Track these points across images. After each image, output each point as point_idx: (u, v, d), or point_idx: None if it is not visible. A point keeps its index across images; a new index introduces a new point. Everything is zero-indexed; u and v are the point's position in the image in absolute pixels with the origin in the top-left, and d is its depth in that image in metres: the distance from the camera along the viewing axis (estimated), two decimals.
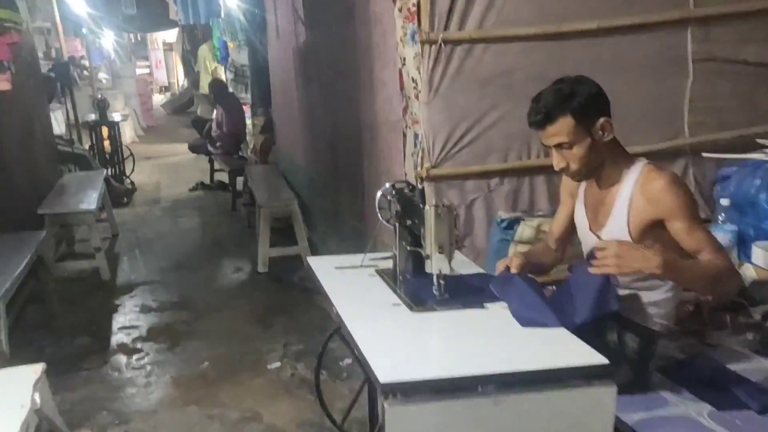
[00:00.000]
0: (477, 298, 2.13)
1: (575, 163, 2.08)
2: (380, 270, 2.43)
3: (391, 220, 2.34)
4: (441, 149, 3.05)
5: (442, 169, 3.07)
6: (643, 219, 2.08)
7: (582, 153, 2.06)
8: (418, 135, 3.08)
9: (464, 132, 3.06)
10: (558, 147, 2.08)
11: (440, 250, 2.06)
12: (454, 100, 3.02)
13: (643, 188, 2.07)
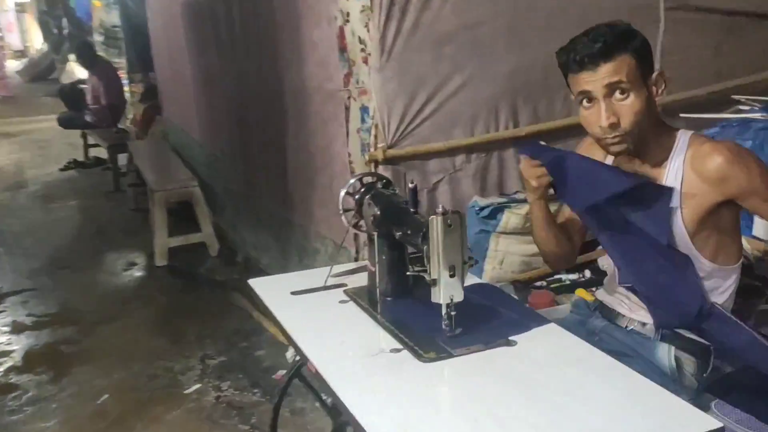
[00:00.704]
0: (497, 328, 1.66)
1: (629, 118, 1.58)
2: (351, 291, 1.90)
3: (366, 228, 1.80)
4: (398, 125, 2.53)
5: (401, 149, 2.56)
6: (703, 205, 1.64)
7: (639, 106, 1.58)
8: (368, 108, 2.54)
9: (424, 102, 2.56)
10: (608, 96, 1.58)
11: (451, 272, 1.54)
12: (411, 63, 2.51)
13: (698, 167, 1.63)
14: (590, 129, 1.63)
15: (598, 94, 1.57)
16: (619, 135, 1.59)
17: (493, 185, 2.78)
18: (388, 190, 1.86)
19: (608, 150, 1.64)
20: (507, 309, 1.77)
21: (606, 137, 1.60)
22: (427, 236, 1.57)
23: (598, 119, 1.58)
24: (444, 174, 2.67)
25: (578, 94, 1.62)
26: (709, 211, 1.64)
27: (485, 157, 2.74)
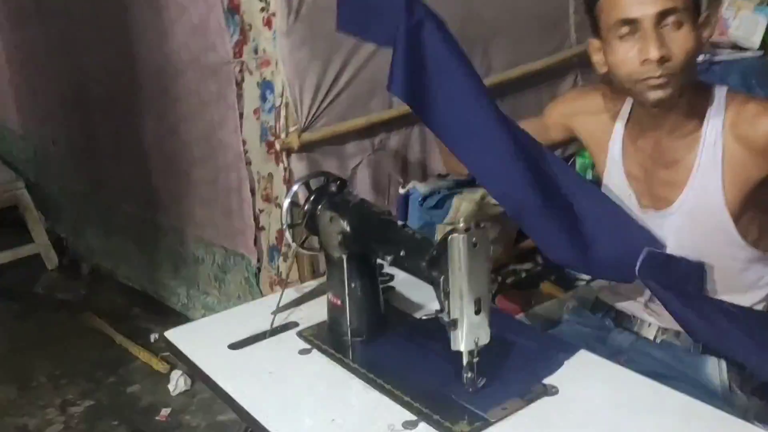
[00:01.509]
0: (524, 369, 1.30)
1: (681, 53, 1.27)
2: (308, 334, 1.47)
3: (327, 249, 1.37)
4: (311, 101, 2.09)
5: (316, 131, 2.10)
6: (749, 180, 1.35)
7: (691, 43, 1.28)
8: (271, 84, 2.07)
9: (339, 70, 2.15)
10: (659, 24, 1.27)
11: (477, 308, 1.15)
12: (322, 23, 2.06)
13: (743, 131, 1.34)
14: (626, 68, 1.30)
15: (647, 22, 1.25)
16: (666, 74, 1.27)
17: (415, 164, 2.42)
18: (350, 195, 1.42)
19: (647, 96, 1.31)
20: (518, 335, 1.40)
21: (650, 77, 1.27)
22: (439, 262, 1.16)
23: (642, 53, 1.26)
24: (362, 156, 2.26)
25: (616, 23, 1.28)
26: (755, 187, 1.35)
27: (406, 131, 2.36)
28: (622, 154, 1.49)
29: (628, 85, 1.32)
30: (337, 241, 1.35)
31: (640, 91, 1.31)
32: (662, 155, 1.42)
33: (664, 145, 1.41)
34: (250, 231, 2.37)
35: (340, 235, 1.34)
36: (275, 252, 2.34)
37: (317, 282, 1.66)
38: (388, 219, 1.31)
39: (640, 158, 1.46)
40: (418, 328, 1.45)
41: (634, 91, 1.32)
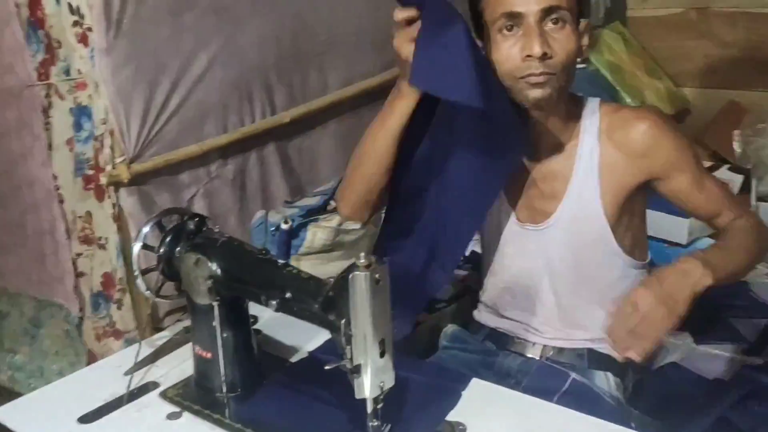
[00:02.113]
0: (425, 407, 1.22)
1: (562, 52, 1.27)
2: (174, 394, 1.31)
3: (192, 296, 1.23)
4: (140, 128, 1.91)
5: (147, 161, 1.92)
6: (624, 186, 1.39)
7: (572, 44, 1.29)
8: (87, 109, 1.87)
9: (168, 92, 1.97)
10: (543, 21, 1.27)
11: (381, 350, 1.06)
12: (147, 39, 1.91)
13: (618, 137, 1.38)
14: (508, 64, 1.29)
15: (531, 18, 1.25)
16: (547, 72, 1.26)
17: (255, 190, 2.29)
18: (214, 232, 1.28)
19: (526, 95, 1.30)
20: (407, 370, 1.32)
21: (531, 73, 1.26)
22: (335, 303, 1.06)
23: (525, 48, 1.26)
24: (198, 186, 2.10)
25: (501, 17, 1.28)
26: (630, 194, 1.40)
27: (243, 156, 2.23)
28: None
29: (510, 83, 1.30)
30: (206, 286, 1.20)
31: (520, 89, 1.29)
32: (540, 167, 1.42)
33: (543, 157, 1.41)
34: (68, 277, 2.10)
35: (209, 279, 1.20)
36: (101, 299, 2.11)
37: (169, 332, 1.50)
38: (267, 258, 1.19)
39: (519, 170, 1.45)
40: (298, 375, 1.34)
41: (514, 90, 1.30)
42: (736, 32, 2.97)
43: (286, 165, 2.35)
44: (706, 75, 3.09)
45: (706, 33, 3.04)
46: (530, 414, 1.20)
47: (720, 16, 3.00)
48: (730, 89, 3.02)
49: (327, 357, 1.29)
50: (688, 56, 3.09)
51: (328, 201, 2.05)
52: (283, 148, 2.34)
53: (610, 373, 1.49)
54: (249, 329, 1.30)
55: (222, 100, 2.12)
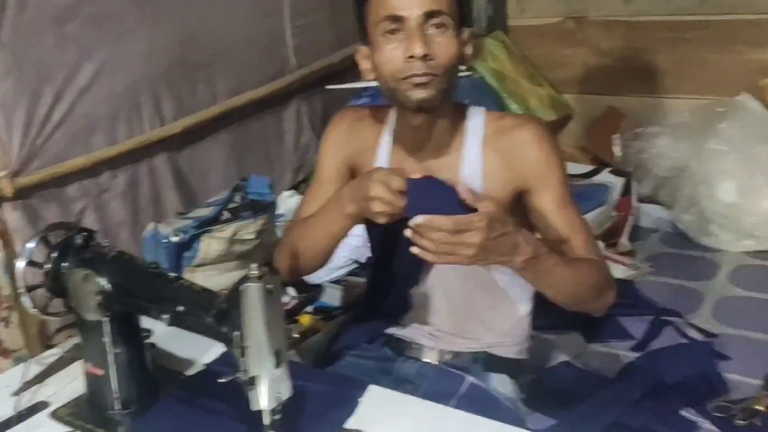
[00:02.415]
0: (323, 416, 1.22)
1: (443, 55, 1.28)
2: (66, 413, 1.29)
3: (80, 312, 1.20)
4: (22, 140, 1.84)
5: (32, 175, 1.85)
6: (506, 193, 1.40)
7: (454, 49, 1.30)
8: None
9: (52, 103, 1.92)
10: (425, 24, 1.28)
11: (277, 360, 1.06)
12: (28, 49, 1.85)
13: (498, 145, 1.39)
14: (391, 66, 1.29)
15: (413, 21, 1.26)
16: (429, 73, 1.27)
17: (147, 202, 2.25)
18: (102, 247, 1.25)
19: (409, 96, 1.29)
20: (304, 379, 1.32)
21: (414, 73, 1.27)
22: (229, 315, 1.06)
23: (407, 50, 1.26)
24: (88, 199, 2.04)
25: (384, 19, 1.28)
26: (512, 201, 1.40)
27: (133, 168, 2.18)
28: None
29: (393, 85, 1.30)
30: (95, 302, 1.17)
31: (403, 90, 1.29)
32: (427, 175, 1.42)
33: (430, 165, 1.40)
34: None
35: (98, 295, 1.17)
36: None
37: (60, 350, 1.45)
38: (158, 271, 1.17)
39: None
40: (194, 388, 1.32)
41: (398, 92, 1.30)
42: (612, 40, 3.09)
43: (177, 176, 2.32)
44: (584, 82, 3.19)
45: (584, 41, 3.14)
46: (428, 418, 1.21)
47: (596, 25, 3.11)
48: (608, 95, 3.14)
49: (224, 369, 1.26)
50: (567, 64, 3.19)
51: (221, 211, 2.03)
52: (174, 159, 2.31)
53: (506, 375, 1.51)
54: (141, 344, 1.27)
55: (110, 111, 2.08)
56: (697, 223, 2.70)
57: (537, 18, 3.23)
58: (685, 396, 1.80)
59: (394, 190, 1.21)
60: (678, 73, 3.01)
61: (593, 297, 1.38)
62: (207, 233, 1.90)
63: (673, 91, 3.04)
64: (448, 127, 1.38)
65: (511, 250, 1.20)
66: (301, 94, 2.83)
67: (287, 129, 2.79)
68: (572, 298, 1.35)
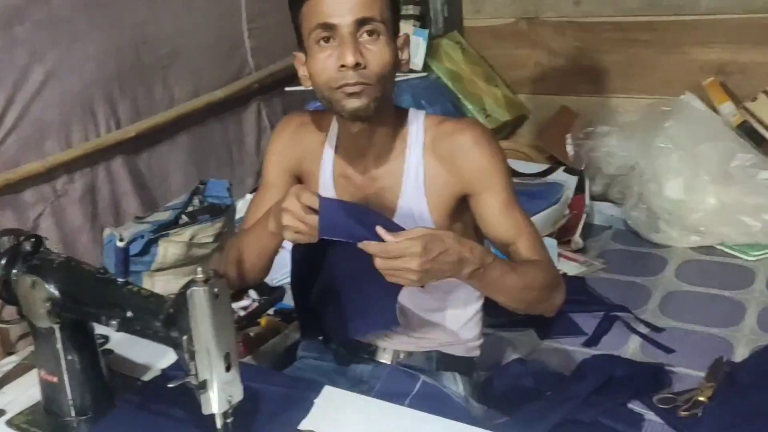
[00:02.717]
0: (275, 419, 1.21)
1: (376, 63, 1.27)
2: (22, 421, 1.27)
3: (31, 319, 1.19)
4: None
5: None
6: (448, 198, 1.40)
7: (388, 58, 1.29)
8: None
9: (3, 108, 1.87)
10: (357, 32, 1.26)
11: (227, 363, 1.06)
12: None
13: (439, 150, 1.38)
14: (324, 75, 1.27)
15: (344, 29, 1.24)
16: (362, 82, 1.25)
17: (106, 207, 2.22)
18: (50, 253, 1.24)
19: (343, 105, 1.28)
20: (258, 381, 1.32)
21: (346, 83, 1.25)
22: (176, 320, 1.06)
23: (340, 58, 1.25)
24: (45, 205, 2.01)
25: (316, 27, 1.26)
26: (455, 206, 1.40)
27: (91, 172, 2.15)
28: (333, 183, 1.45)
29: (327, 94, 1.28)
30: (45, 309, 1.16)
31: (337, 99, 1.28)
32: (372, 183, 1.41)
33: (373, 172, 1.40)
34: None
35: (47, 302, 1.15)
36: None
37: (17, 357, 1.43)
38: (106, 277, 1.15)
39: (350, 187, 1.43)
40: (151, 394, 1.30)
41: (332, 101, 1.29)
42: (564, 41, 3.12)
43: (136, 180, 2.30)
44: (539, 82, 3.22)
45: (537, 42, 3.17)
46: (381, 418, 1.21)
47: (548, 26, 3.14)
48: (561, 95, 3.17)
49: (179, 374, 1.25)
50: (522, 64, 3.21)
51: (179, 215, 2.01)
52: (133, 162, 2.29)
53: (458, 373, 1.51)
54: (95, 350, 1.25)
55: (63, 114, 2.05)
56: (646, 219, 2.74)
57: (492, 19, 3.24)
58: (633, 389, 1.84)
59: (303, 205, 1.20)
60: (627, 72, 3.05)
61: (543, 299, 1.38)
62: (164, 237, 1.88)
63: (623, 91, 3.08)
64: (388, 133, 1.37)
65: (455, 266, 1.20)
66: (260, 96, 2.83)
67: (247, 131, 2.78)
68: (522, 302, 1.36)
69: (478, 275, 1.23)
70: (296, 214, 1.20)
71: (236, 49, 2.68)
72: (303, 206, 1.20)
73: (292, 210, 1.21)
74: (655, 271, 2.56)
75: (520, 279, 1.31)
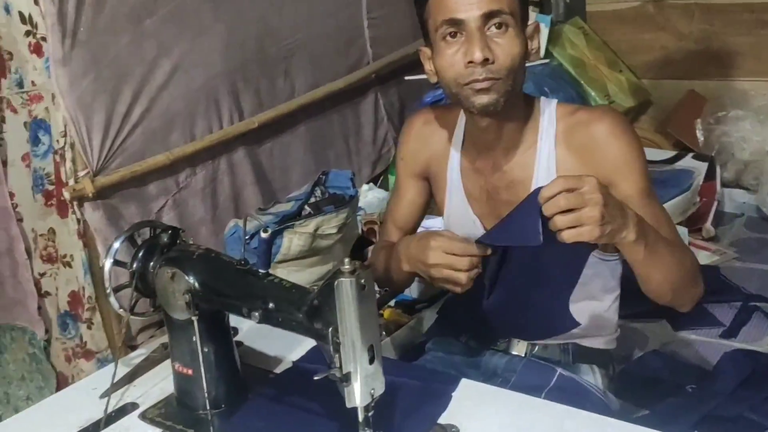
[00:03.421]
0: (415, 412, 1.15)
1: (505, 57, 1.21)
2: (156, 415, 1.23)
3: (168, 311, 1.15)
4: (103, 139, 1.81)
5: (112, 174, 1.83)
6: None
7: (516, 48, 1.22)
8: (44, 122, 1.78)
9: (131, 101, 1.89)
10: (482, 28, 1.20)
11: (371, 356, 0.99)
12: (106, 47, 1.83)
13: (572, 140, 1.30)
14: (452, 71, 1.23)
15: (472, 24, 1.19)
16: (491, 78, 1.20)
17: (226, 199, 2.20)
18: (189, 245, 1.20)
19: (472, 102, 1.23)
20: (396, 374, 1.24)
21: (475, 79, 1.20)
22: (321, 311, 0.99)
23: (467, 54, 1.19)
24: (167, 197, 2.01)
25: (442, 24, 1.22)
26: None
27: (212, 164, 2.14)
28: (461, 178, 1.41)
29: (455, 90, 1.24)
30: (184, 301, 1.11)
31: (465, 96, 1.23)
32: (502, 175, 1.35)
33: (502, 164, 1.34)
34: (31, 299, 1.99)
35: (187, 294, 1.11)
36: (69, 319, 2.00)
37: (146, 350, 1.40)
38: (246, 269, 1.11)
39: (480, 180, 1.38)
40: (284, 386, 1.26)
41: (460, 97, 1.24)
42: (691, 24, 2.97)
43: (257, 172, 2.27)
44: (664, 66, 3.07)
45: (664, 25, 3.03)
46: (521, 411, 1.14)
47: (676, 8, 2.99)
48: (688, 79, 3.02)
49: (312, 366, 1.22)
50: (647, 48, 3.08)
51: (302, 206, 1.97)
52: (254, 154, 2.26)
53: (595, 365, 1.43)
54: (231, 342, 1.21)
55: (188, 107, 2.03)
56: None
57: (616, 3, 3.12)
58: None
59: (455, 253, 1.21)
60: (759, 55, 2.88)
61: (691, 283, 1.28)
62: (289, 229, 1.84)
63: (755, 74, 2.92)
64: (518, 125, 1.31)
65: (623, 221, 1.10)
66: (378, 86, 2.78)
67: (365, 122, 2.74)
68: (674, 282, 1.25)
69: (641, 235, 1.13)
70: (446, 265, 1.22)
71: (356, 40, 2.63)
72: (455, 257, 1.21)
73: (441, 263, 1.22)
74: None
75: (675, 254, 1.22)
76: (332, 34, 2.49)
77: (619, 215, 1.10)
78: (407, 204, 1.52)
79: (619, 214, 1.10)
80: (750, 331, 2.01)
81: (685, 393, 1.72)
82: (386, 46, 2.74)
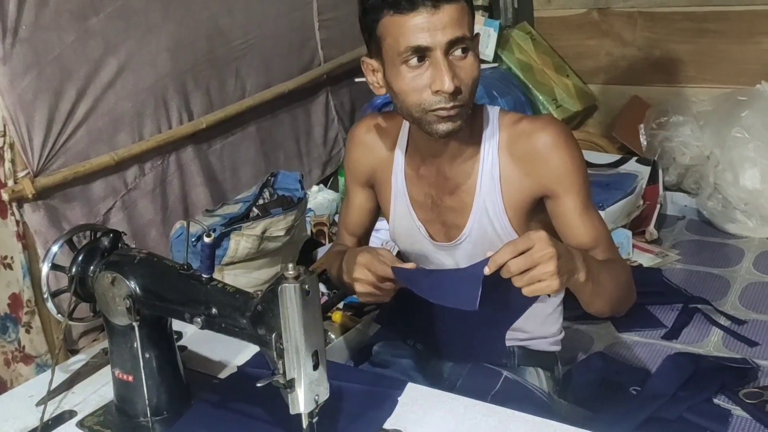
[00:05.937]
0: (361, 417, 1.12)
1: (469, 82, 1.18)
2: (95, 423, 1.17)
3: (109, 316, 1.10)
4: (44, 139, 1.75)
5: (54, 174, 1.76)
6: (524, 198, 1.29)
7: (476, 71, 1.20)
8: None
9: (75, 100, 1.83)
10: (449, 52, 1.16)
11: (315, 362, 0.96)
12: (49, 45, 1.76)
13: (515, 150, 1.27)
14: (415, 96, 1.17)
15: (438, 51, 1.13)
16: (458, 106, 1.16)
17: (176, 200, 2.15)
18: (130, 249, 1.15)
19: (436, 128, 1.19)
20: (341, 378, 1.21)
21: (442, 107, 1.16)
22: (264, 317, 0.96)
23: (436, 83, 1.14)
24: (115, 198, 1.94)
25: (407, 50, 1.14)
26: (531, 206, 1.29)
27: (162, 166, 2.08)
28: (405, 184, 1.37)
29: (417, 115, 1.19)
30: (125, 306, 1.06)
31: (429, 121, 1.18)
32: (445, 182, 1.32)
33: (446, 171, 1.31)
34: None
35: (128, 299, 1.06)
36: (9, 322, 1.92)
37: (86, 356, 1.34)
38: (189, 273, 1.06)
39: (424, 187, 1.35)
40: (228, 392, 1.21)
41: (422, 122, 1.19)
42: (635, 31, 3.00)
43: (207, 173, 2.22)
44: (609, 72, 3.10)
45: (608, 32, 3.05)
46: (467, 415, 1.12)
47: (620, 16, 3.01)
48: (632, 85, 3.04)
49: (257, 371, 1.18)
50: (592, 54, 3.10)
51: (250, 208, 1.91)
52: (204, 155, 2.21)
53: (540, 368, 1.43)
54: (174, 348, 1.16)
55: (135, 107, 1.97)
56: (722, 210, 2.63)
57: (562, 10, 3.14)
58: (718, 384, 1.73)
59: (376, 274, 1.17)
60: (700, 62, 2.92)
61: (627, 295, 1.28)
62: (236, 231, 1.79)
63: (696, 81, 2.95)
64: (463, 134, 1.26)
65: (574, 266, 1.09)
66: (329, 88, 2.74)
67: (315, 123, 2.70)
68: (614, 300, 1.24)
69: (590, 272, 1.12)
70: (368, 282, 1.18)
71: (307, 41, 2.59)
72: (376, 276, 1.17)
73: (364, 279, 1.19)
74: (733, 262, 2.41)
75: (612, 276, 1.21)
76: (283, 35, 2.44)
77: (571, 261, 1.08)
78: (356, 210, 1.49)
79: (571, 259, 1.08)
80: (691, 332, 2.02)
81: (628, 395, 1.71)
82: (337, 48, 2.71)
